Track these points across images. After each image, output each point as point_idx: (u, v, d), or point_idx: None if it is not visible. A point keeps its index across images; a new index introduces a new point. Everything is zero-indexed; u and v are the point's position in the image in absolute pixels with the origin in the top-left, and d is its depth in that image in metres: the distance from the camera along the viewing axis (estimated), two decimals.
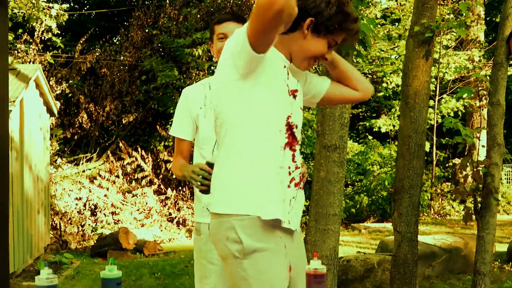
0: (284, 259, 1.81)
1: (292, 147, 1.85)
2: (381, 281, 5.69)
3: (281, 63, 1.86)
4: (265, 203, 1.77)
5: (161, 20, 13.42)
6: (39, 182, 8.33)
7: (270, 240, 1.78)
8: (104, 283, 1.66)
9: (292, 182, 1.85)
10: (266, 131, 1.79)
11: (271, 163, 1.80)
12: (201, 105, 2.47)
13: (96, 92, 13.26)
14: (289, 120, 1.84)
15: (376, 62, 14.53)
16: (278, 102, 1.82)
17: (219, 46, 2.40)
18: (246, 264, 1.77)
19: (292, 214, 1.86)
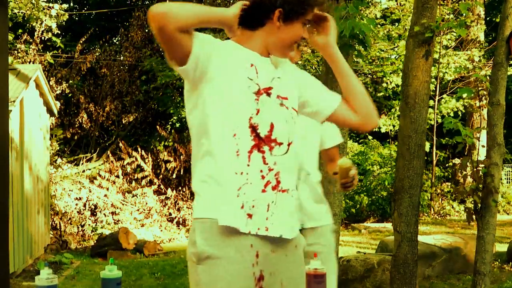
0: (248, 269, 1.73)
1: (261, 148, 1.75)
2: (381, 281, 5.68)
3: (245, 63, 1.78)
4: (222, 210, 1.72)
5: None
6: (39, 182, 8.33)
7: (228, 247, 1.71)
8: (104, 283, 1.66)
9: (269, 186, 1.76)
10: (217, 137, 1.74)
11: (226, 169, 1.73)
12: None
13: (96, 92, 13.26)
14: (252, 122, 1.74)
15: (376, 62, 14.52)
16: (233, 106, 1.73)
17: None
18: (200, 270, 1.73)
19: (272, 220, 1.76)
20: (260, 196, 1.74)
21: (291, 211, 1.82)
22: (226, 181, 1.73)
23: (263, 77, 1.79)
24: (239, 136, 1.73)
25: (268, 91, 1.79)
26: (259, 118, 1.75)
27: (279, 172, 1.77)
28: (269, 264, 1.78)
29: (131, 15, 14.04)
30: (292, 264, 1.82)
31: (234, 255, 1.71)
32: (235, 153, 1.73)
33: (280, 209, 1.78)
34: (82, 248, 9.83)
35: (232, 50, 1.80)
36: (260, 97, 1.77)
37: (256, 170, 1.74)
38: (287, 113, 1.83)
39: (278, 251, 1.79)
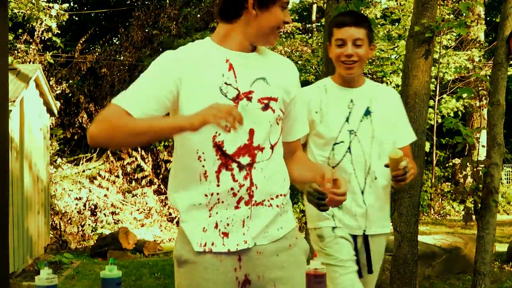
0: (227, 274, 1.71)
1: (229, 166, 1.69)
2: (381, 281, 5.68)
3: (222, 69, 1.70)
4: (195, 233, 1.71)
5: (161, 20, 13.42)
6: (39, 182, 8.33)
7: (205, 253, 1.70)
8: (104, 283, 1.66)
9: (241, 201, 1.70)
10: (183, 161, 1.73)
11: (195, 192, 1.70)
12: (317, 109, 2.37)
13: (96, 92, 13.26)
14: (216, 140, 1.68)
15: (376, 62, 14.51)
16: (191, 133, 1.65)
17: (337, 53, 2.31)
18: (180, 273, 1.74)
19: (249, 233, 1.71)
20: (234, 213, 1.70)
21: (270, 221, 1.75)
22: (196, 202, 1.70)
23: (242, 81, 1.71)
24: (204, 157, 1.68)
25: (249, 95, 1.71)
26: (225, 136, 1.67)
27: (251, 185, 1.71)
28: (256, 267, 1.73)
29: (131, 15, 14.03)
30: (286, 263, 1.77)
31: (211, 261, 1.70)
32: (203, 175, 1.69)
33: (257, 222, 1.73)
34: (82, 248, 9.83)
35: (207, 57, 1.71)
36: (240, 102, 1.69)
37: (226, 189, 1.69)
38: (271, 116, 1.74)
39: (266, 252, 1.74)
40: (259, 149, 1.72)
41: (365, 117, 2.34)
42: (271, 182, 1.75)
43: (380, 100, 2.39)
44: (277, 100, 1.76)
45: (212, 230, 1.70)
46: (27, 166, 7.64)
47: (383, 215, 2.41)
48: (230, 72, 1.70)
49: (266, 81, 1.75)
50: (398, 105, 2.46)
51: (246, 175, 1.70)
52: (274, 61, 1.83)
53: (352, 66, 2.30)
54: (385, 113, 2.37)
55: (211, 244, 1.70)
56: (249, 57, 1.75)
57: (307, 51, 13.21)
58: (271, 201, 1.75)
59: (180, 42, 12.46)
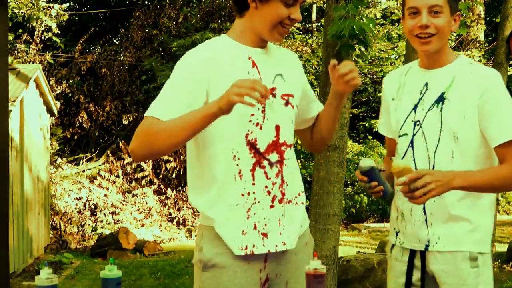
0: (254, 276, 1.71)
1: (261, 164, 1.70)
2: (381, 281, 5.68)
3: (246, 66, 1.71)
4: (234, 237, 1.69)
5: (161, 20, 13.42)
6: (39, 182, 8.33)
7: (236, 256, 1.69)
8: (104, 283, 1.66)
9: (276, 200, 1.73)
10: (218, 160, 1.69)
11: (231, 192, 1.69)
12: (394, 96, 2.00)
13: (96, 92, 13.26)
14: (249, 138, 1.69)
15: (376, 62, 14.52)
16: (230, 124, 1.66)
17: (410, 25, 1.85)
18: (205, 277, 1.72)
19: (285, 233, 1.74)
20: (270, 213, 1.71)
21: (299, 220, 1.80)
22: (234, 203, 1.68)
23: (266, 77, 1.73)
24: (238, 156, 1.68)
25: (273, 92, 1.74)
26: (257, 133, 1.69)
27: (282, 183, 1.73)
28: (277, 266, 1.76)
29: (131, 15, 14.03)
30: (300, 262, 1.80)
31: (240, 264, 1.69)
32: (237, 175, 1.68)
33: (289, 220, 1.76)
34: (82, 248, 9.83)
35: (231, 56, 1.72)
36: (267, 100, 1.66)
37: (261, 187, 1.70)
38: (292, 112, 1.79)
39: (289, 251, 1.77)
40: (286, 145, 1.75)
41: (435, 105, 1.86)
42: (296, 179, 1.79)
43: (466, 85, 1.83)
44: (293, 96, 1.79)
45: (251, 232, 1.69)
46: (27, 166, 7.64)
47: (460, 229, 1.85)
48: (254, 69, 1.72)
49: (283, 78, 1.78)
50: (491, 93, 1.80)
51: (278, 172, 1.72)
52: (283, 56, 1.85)
53: (429, 40, 1.83)
54: (467, 102, 1.81)
55: (252, 246, 1.69)
56: (266, 54, 1.77)
57: (307, 51, 13.21)
58: (296, 199, 1.79)
59: (180, 42, 12.46)
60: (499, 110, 1.79)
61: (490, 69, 1.88)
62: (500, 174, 1.80)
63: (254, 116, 1.69)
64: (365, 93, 15.56)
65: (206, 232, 1.73)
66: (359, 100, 15.52)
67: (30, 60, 11.72)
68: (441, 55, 1.88)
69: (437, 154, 1.85)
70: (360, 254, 6.65)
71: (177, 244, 10.34)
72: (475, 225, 1.85)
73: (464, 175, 1.76)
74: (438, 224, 1.87)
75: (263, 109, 1.70)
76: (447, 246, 1.85)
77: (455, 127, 1.81)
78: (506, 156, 1.77)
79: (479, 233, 1.86)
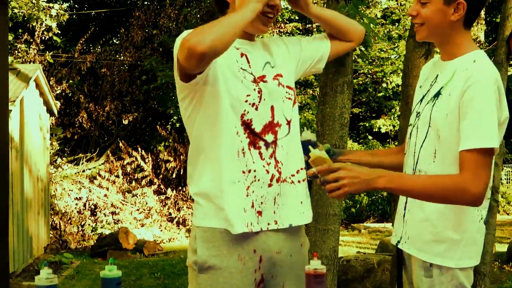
0: (249, 277, 1.71)
1: (257, 145, 1.73)
2: (381, 281, 5.68)
3: (236, 55, 1.76)
4: (233, 216, 1.68)
5: (161, 20, 13.42)
6: (39, 182, 8.33)
7: (231, 257, 1.70)
8: (104, 283, 1.66)
9: (274, 179, 1.75)
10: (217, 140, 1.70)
11: (233, 169, 1.70)
12: (421, 84, 1.94)
13: (96, 92, 13.26)
14: (244, 119, 1.72)
15: (376, 62, 14.52)
16: (230, 104, 1.70)
17: None
18: (201, 279, 1.72)
19: (279, 212, 1.76)
20: (267, 191, 1.74)
21: (297, 198, 1.80)
22: (236, 180, 1.70)
23: (255, 66, 1.78)
24: (239, 134, 1.71)
25: (263, 79, 1.78)
26: (252, 113, 1.72)
27: (276, 163, 1.75)
28: (272, 267, 1.77)
29: (131, 15, 14.03)
30: (296, 264, 1.81)
31: (236, 265, 1.70)
32: (241, 151, 1.71)
33: (285, 199, 1.77)
34: (82, 248, 9.83)
35: None
36: (260, 83, 1.76)
37: (260, 166, 1.72)
38: (283, 91, 1.81)
39: (283, 252, 1.78)
40: (278, 125, 1.77)
41: (433, 99, 1.77)
42: (291, 158, 1.80)
43: (457, 82, 1.69)
44: (282, 76, 1.83)
45: (250, 210, 1.71)
46: (27, 166, 7.64)
47: (425, 235, 1.75)
48: (243, 58, 1.77)
49: (270, 65, 1.83)
50: (471, 94, 1.63)
51: (272, 153, 1.75)
52: (268, 44, 1.90)
53: (417, 29, 1.80)
54: (452, 100, 1.68)
55: (250, 225, 1.71)
56: (253, 45, 1.83)
57: None
58: (293, 177, 1.80)
59: None
60: (471, 114, 1.62)
61: (485, 70, 1.68)
62: (440, 184, 1.62)
63: (250, 97, 1.72)
64: (365, 93, 15.56)
65: (199, 233, 1.73)
66: (359, 100, 15.52)
67: (30, 60, 11.72)
68: (449, 46, 1.78)
69: (422, 151, 1.77)
70: (360, 254, 6.65)
71: (177, 244, 10.35)
72: (444, 235, 1.71)
73: (392, 177, 1.64)
74: (411, 223, 1.81)
75: (259, 89, 1.74)
76: (410, 249, 1.79)
77: (439, 125, 1.71)
78: (463, 165, 1.61)
79: (445, 244, 1.71)
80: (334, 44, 2.00)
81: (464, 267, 1.74)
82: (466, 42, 1.77)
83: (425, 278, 1.75)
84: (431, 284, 1.73)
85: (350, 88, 3.79)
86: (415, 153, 1.79)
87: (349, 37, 2.00)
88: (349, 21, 2.03)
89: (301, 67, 1.95)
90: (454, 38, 1.76)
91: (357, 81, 14.62)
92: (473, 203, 1.63)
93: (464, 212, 1.71)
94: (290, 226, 1.78)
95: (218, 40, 1.54)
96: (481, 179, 1.59)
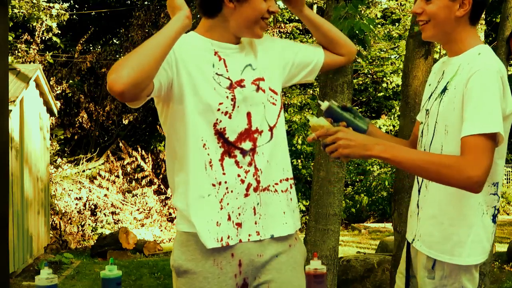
0: (228, 281, 1.67)
1: (232, 154, 1.66)
2: (381, 281, 5.68)
3: (212, 60, 1.68)
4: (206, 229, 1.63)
5: (161, 20, 13.43)
6: (39, 182, 8.33)
7: (205, 261, 1.65)
8: (104, 283, 1.66)
9: (250, 188, 1.68)
10: (186, 151, 1.66)
11: (202, 183, 1.64)
12: (430, 82, 1.93)
13: (96, 92, 13.27)
14: (217, 128, 1.65)
15: (376, 62, 14.52)
16: (199, 115, 1.63)
17: None
18: (179, 283, 1.69)
19: (261, 223, 1.69)
20: (244, 202, 1.67)
21: (280, 208, 1.73)
22: (205, 194, 1.65)
23: (233, 70, 1.70)
24: (208, 145, 1.65)
25: (241, 83, 1.70)
26: (225, 122, 1.65)
27: (256, 171, 1.69)
28: (255, 269, 1.71)
29: (131, 15, 14.04)
30: (284, 265, 1.73)
31: (212, 270, 1.65)
32: (208, 164, 1.65)
33: (267, 208, 1.70)
34: (82, 248, 9.83)
35: (196, 48, 1.69)
36: (235, 90, 1.67)
37: (233, 176, 1.66)
38: (263, 96, 1.73)
39: (267, 253, 1.71)
40: (258, 132, 1.70)
41: (440, 95, 1.76)
42: (274, 166, 1.73)
43: (462, 75, 1.68)
44: (264, 79, 1.75)
45: (225, 223, 1.65)
46: (27, 166, 7.65)
47: (434, 232, 1.74)
48: (220, 63, 1.69)
49: (251, 67, 1.74)
50: (473, 82, 1.62)
51: (250, 160, 1.68)
52: (255, 45, 1.81)
53: (423, 27, 1.78)
54: (458, 93, 1.67)
55: (227, 238, 1.65)
56: (236, 48, 1.74)
57: None
58: (276, 186, 1.73)
59: None
60: (473, 100, 1.60)
61: (488, 61, 1.67)
62: (436, 159, 1.61)
63: (222, 105, 1.65)
64: (365, 93, 15.56)
65: (177, 237, 1.71)
66: (359, 100, 15.52)
67: (30, 60, 11.73)
68: (455, 44, 1.76)
69: (431, 149, 1.76)
70: (360, 254, 6.65)
71: None
72: (449, 232, 1.70)
73: (390, 146, 1.61)
74: (423, 220, 1.79)
75: (232, 97, 1.67)
76: (422, 247, 1.77)
77: (447, 120, 1.69)
78: (464, 150, 1.57)
79: (452, 241, 1.70)
80: (326, 54, 1.92)
81: (471, 265, 1.70)
82: (471, 37, 1.75)
83: (427, 280, 1.74)
84: (433, 286, 1.73)
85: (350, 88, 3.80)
86: (425, 150, 1.79)
87: (340, 50, 1.92)
88: (341, 34, 1.95)
89: (293, 72, 1.88)
90: (460, 35, 1.74)
91: (357, 81, 14.63)
92: (469, 187, 1.56)
93: (464, 205, 1.68)
94: (272, 237, 1.71)
95: (137, 73, 1.46)
96: (481, 163, 1.54)
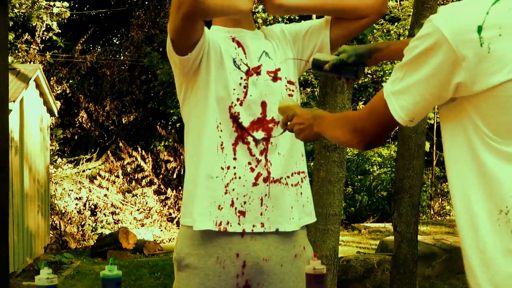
0: (229, 281, 1.64)
1: (245, 140, 1.64)
2: (381, 281, 5.68)
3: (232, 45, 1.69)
4: (200, 212, 1.60)
5: (161, 20, 13.43)
6: (39, 182, 8.33)
7: (208, 257, 1.63)
8: (104, 283, 1.66)
9: (260, 178, 1.64)
10: (200, 133, 1.65)
11: (211, 165, 1.62)
12: None
13: (96, 92, 13.28)
14: (232, 111, 1.64)
15: None
16: (217, 95, 1.64)
17: None
18: (180, 277, 1.68)
19: (267, 214, 1.65)
20: (252, 191, 1.64)
21: (288, 202, 1.69)
22: (213, 174, 1.62)
23: (251, 56, 1.70)
24: (221, 128, 1.64)
25: (258, 70, 1.69)
26: (239, 106, 1.64)
27: (268, 161, 1.66)
28: (258, 274, 1.67)
29: (131, 15, 14.04)
30: (287, 275, 1.70)
31: (214, 267, 1.63)
32: (219, 147, 1.63)
33: (275, 201, 1.66)
34: (82, 248, 9.83)
35: (217, 36, 1.71)
36: (250, 78, 1.67)
37: (244, 163, 1.63)
38: (282, 86, 1.72)
39: (272, 260, 1.68)
40: (273, 122, 1.68)
41: None
42: (288, 158, 1.70)
43: None
44: (281, 69, 1.74)
45: (228, 208, 1.62)
46: (27, 166, 7.64)
47: None
48: (239, 49, 1.70)
49: (268, 56, 1.74)
50: None
51: (262, 150, 1.65)
52: (266, 33, 1.81)
53: None
54: None
55: (226, 223, 1.61)
56: (249, 33, 1.75)
57: None
58: (287, 179, 1.69)
59: None
60: None
61: None
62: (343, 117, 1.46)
63: (235, 90, 1.65)
64: (365, 93, 15.56)
65: (182, 230, 1.69)
66: (359, 100, 15.51)
67: (30, 60, 11.73)
68: None
69: None
70: (360, 254, 6.65)
71: None
72: None
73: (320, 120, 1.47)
74: None
75: (245, 84, 1.66)
76: None
77: None
78: None
79: None
80: (333, 29, 1.76)
81: None
82: None
83: None
84: None
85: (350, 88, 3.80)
86: None
87: (361, 14, 1.73)
88: None
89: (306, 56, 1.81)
90: None
91: (357, 81, 14.63)
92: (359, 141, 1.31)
93: None
94: (277, 230, 1.67)
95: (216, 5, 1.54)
96: None
